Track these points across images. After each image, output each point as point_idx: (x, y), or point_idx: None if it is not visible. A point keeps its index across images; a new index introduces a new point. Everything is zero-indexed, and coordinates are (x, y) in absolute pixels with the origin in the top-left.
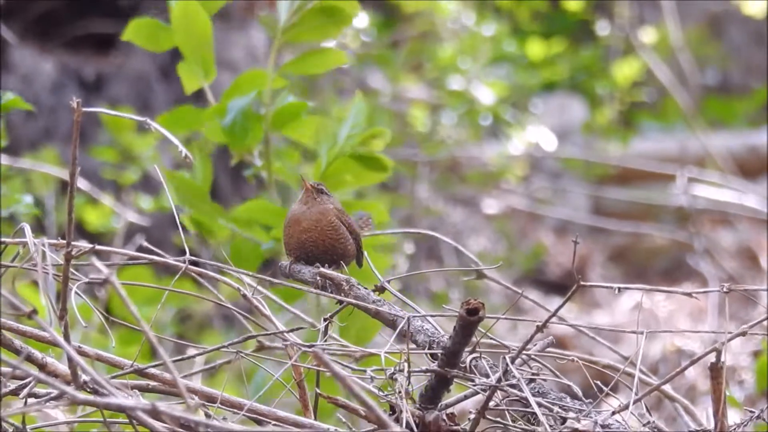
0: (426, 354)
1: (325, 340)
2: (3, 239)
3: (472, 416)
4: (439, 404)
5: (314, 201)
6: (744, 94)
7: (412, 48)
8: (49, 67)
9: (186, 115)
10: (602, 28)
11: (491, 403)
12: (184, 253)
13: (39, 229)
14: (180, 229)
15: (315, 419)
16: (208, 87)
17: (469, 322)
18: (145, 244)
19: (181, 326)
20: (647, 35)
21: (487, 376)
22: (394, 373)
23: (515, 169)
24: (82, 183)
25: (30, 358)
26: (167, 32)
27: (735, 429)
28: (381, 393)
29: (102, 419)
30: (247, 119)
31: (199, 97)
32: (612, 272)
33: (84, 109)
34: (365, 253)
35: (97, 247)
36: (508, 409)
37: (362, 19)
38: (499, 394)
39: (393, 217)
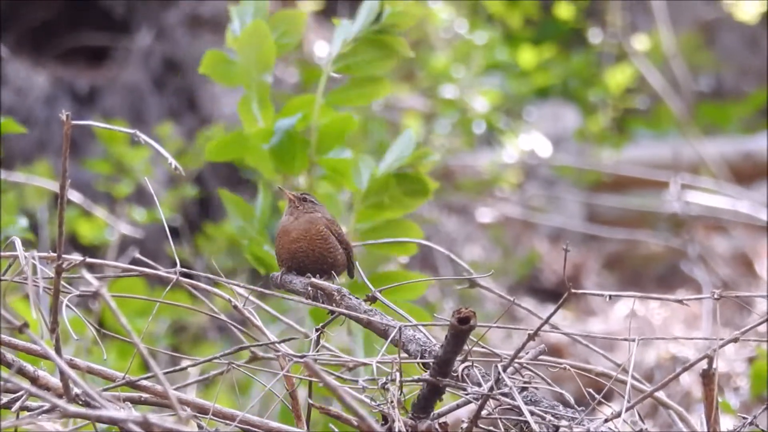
0: (418, 363)
1: (317, 351)
2: None
3: (465, 425)
4: (432, 413)
5: (299, 211)
6: (737, 100)
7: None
8: (42, 80)
9: (234, 140)
10: (594, 35)
11: (484, 412)
12: (177, 265)
13: (31, 242)
14: (170, 240)
15: (307, 430)
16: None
17: (461, 330)
18: (138, 256)
19: (175, 338)
20: (640, 42)
21: (480, 384)
22: (386, 383)
23: (509, 177)
24: (75, 195)
25: (22, 372)
26: (236, 67)
27: None
28: (373, 403)
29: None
30: (293, 141)
31: (191, 107)
32: (607, 279)
33: (74, 122)
34: (356, 263)
35: (88, 259)
36: (500, 418)
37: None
38: (491, 402)
39: None
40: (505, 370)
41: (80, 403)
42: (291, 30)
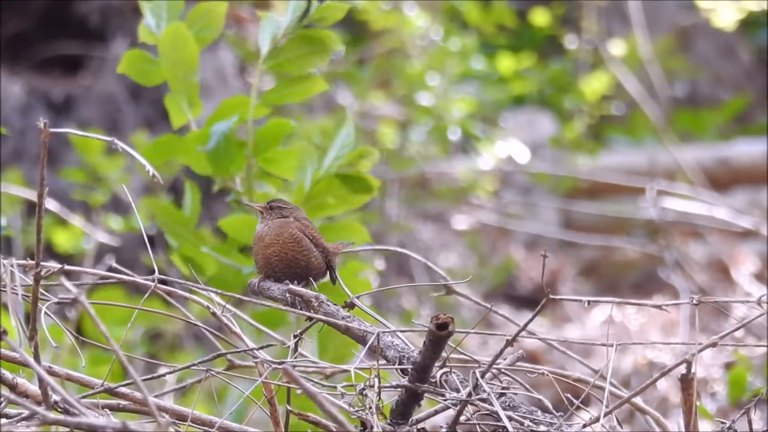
0: (396, 369)
1: (295, 357)
2: None
3: (444, 431)
4: (410, 419)
5: (268, 219)
6: (713, 107)
7: (379, 64)
8: (17, 89)
9: (167, 144)
10: (570, 42)
11: (462, 418)
12: (153, 272)
13: (6, 250)
14: (148, 248)
15: None
16: (194, 122)
17: (439, 336)
18: (114, 264)
19: (152, 346)
20: (615, 48)
21: (458, 390)
22: (364, 389)
23: (485, 185)
24: (51, 204)
25: (0, 379)
26: (156, 65)
27: None
28: (352, 409)
29: None
30: (229, 144)
31: (166, 116)
32: (583, 286)
33: (51, 130)
34: (336, 270)
35: (66, 267)
36: (479, 424)
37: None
38: (469, 408)
39: None
40: (483, 376)
41: (59, 410)
42: (210, 23)
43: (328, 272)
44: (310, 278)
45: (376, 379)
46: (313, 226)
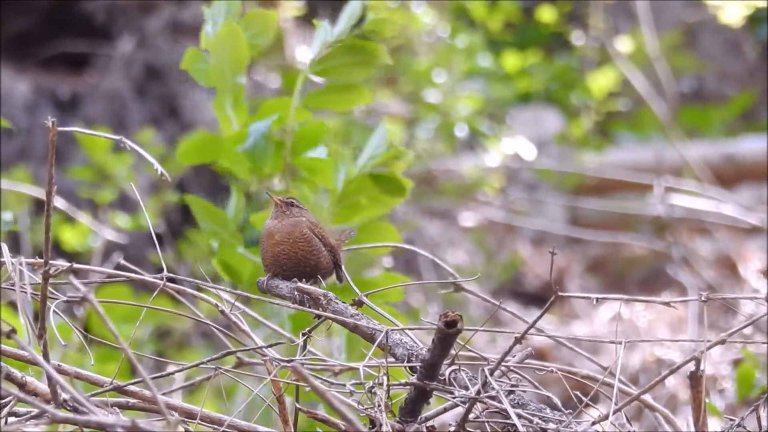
0: (405, 367)
1: (304, 355)
2: None
3: (452, 429)
4: (419, 417)
5: (284, 215)
6: (719, 103)
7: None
8: (23, 87)
9: (206, 143)
10: (577, 38)
11: (471, 416)
12: (161, 270)
13: (14, 248)
14: (157, 246)
15: None
16: (235, 120)
17: (448, 334)
18: (123, 262)
19: (160, 344)
20: (622, 45)
21: (467, 388)
22: (373, 387)
23: (491, 181)
24: (58, 202)
25: (10, 377)
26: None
27: None
28: (360, 407)
29: None
30: (268, 143)
31: (173, 114)
32: (590, 283)
33: (59, 129)
34: (343, 267)
35: (75, 265)
36: (487, 421)
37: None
38: (478, 406)
39: None
40: (492, 374)
41: (68, 408)
42: (263, 30)
43: (333, 270)
44: (318, 277)
45: (385, 377)
46: (321, 226)
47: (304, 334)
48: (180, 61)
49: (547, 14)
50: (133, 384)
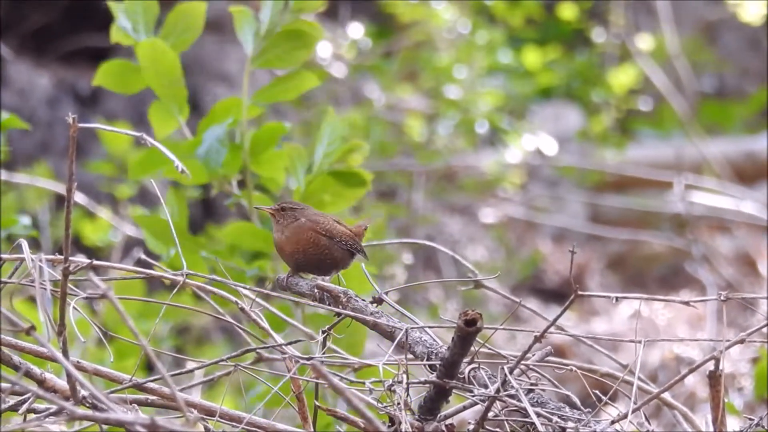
0: (424, 365)
1: (323, 352)
2: (1, 255)
3: (471, 427)
4: (438, 415)
5: (282, 224)
6: (739, 100)
7: (407, 57)
8: (44, 82)
9: (158, 156)
10: (598, 35)
11: (490, 414)
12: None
13: (34, 244)
14: (176, 241)
15: (314, 431)
16: (185, 125)
17: (468, 332)
18: (143, 257)
19: (179, 339)
20: (643, 42)
21: (486, 386)
22: (392, 385)
23: (512, 178)
24: (78, 197)
25: (29, 374)
26: (137, 73)
27: None
28: (380, 405)
29: None
30: (223, 148)
31: (193, 108)
32: (610, 280)
33: (80, 125)
34: (363, 265)
35: (95, 262)
36: (507, 420)
37: (357, 29)
38: (498, 404)
39: (390, 226)
40: (511, 372)
41: (87, 405)
42: (191, 23)
43: (351, 257)
44: (338, 269)
45: (405, 375)
46: (324, 220)
47: (324, 332)
48: (200, 56)
49: (568, 11)
50: (152, 381)
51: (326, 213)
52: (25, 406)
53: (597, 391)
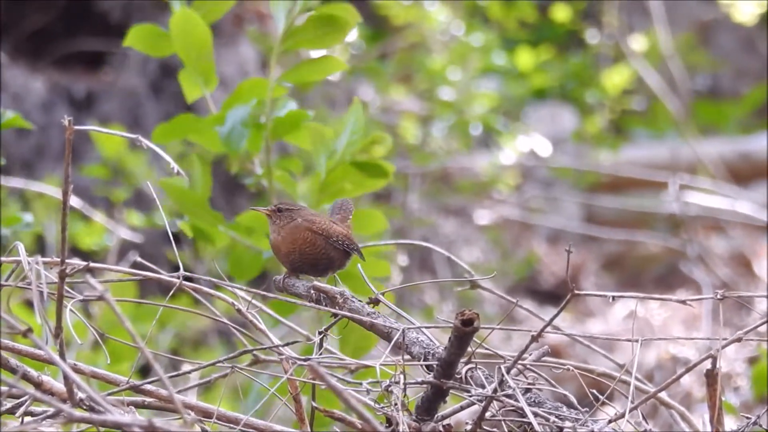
0: (421, 365)
1: (320, 353)
2: None
3: (469, 427)
4: (436, 415)
5: (278, 225)
6: (734, 100)
7: (401, 59)
8: (39, 85)
9: (184, 123)
10: (591, 36)
11: (487, 414)
12: (178, 269)
13: (40, 251)
14: (173, 244)
15: None
16: (209, 96)
17: (464, 332)
18: (140, 260)
19: (176, 341)
20: (637, 43)
21: (483, 386)
22: (390, 385)
23: (507, 179)
24: (73, 201)
25: (26, 377)
26: (167, 39)
27: None
28: (377, 405)
29: None
30: (246, 127)
31: (189, 112)
32: (605, 280)
33: (76, 128)
34: (359, 266)
35: (91, 264)
36: (504, 420)
37: (352, 31)
38: (495, 404)
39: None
40: (508, 372)
41: (84, 407)
42: (217, 6)
43: (347, 257)
44: (335, 269)
45: (402, 376)
46: (320, 220)
47: (320, 333)
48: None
49: (561, 12)
50: (149, 383)
51: (322, 213)
52: (22, 409)
53: (594, 391)
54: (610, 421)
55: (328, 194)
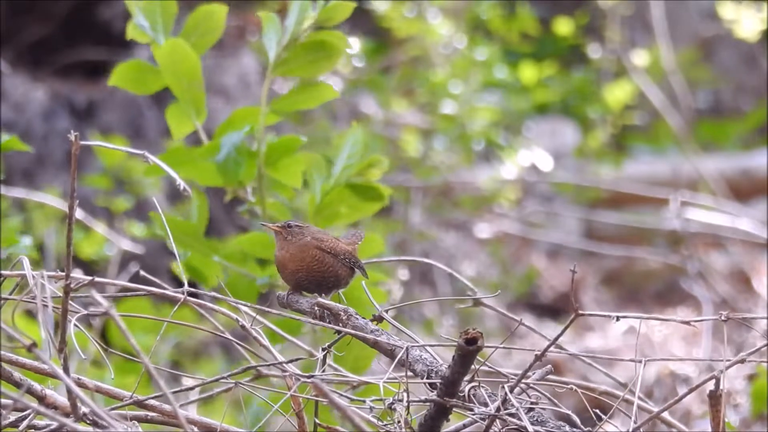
0: (425, 383)
1: (323, 370)
2: (2, 272)
3: None
4: None
5: (287, 241)
6: (736, 117)
7: (403, 73)
8: (40, 95)
9: (177, 155)
10: (594, 51)
11: None
12: (178, 279)
13: (40, 259)
14: (177, 256)
15: None
16: (200, 128)
17: (468, 351)
18: (143, 273)
19: (176, 353)
20: (639, 58)
21: (486, 405)
22: (393, 403)
23: (508, 194)
24: (76, 212)
25: (29, 390)
26: (155, 74)
27: None
28: (380, 423)
29: None
30: (240, 155)
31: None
32: (605, 296)
33: (82, 143)
34: (363, 283)
35: (96, 279)
36: None
37: (354, 45)
38: (498, 423)
39: (387, 242)
40: (512, 391)
41: (88, 422)
42: (212, 26)
43: (352, 275)
44: (340, 287)
45: (405, 393)
46: (328, 238)
47: (324, 350)
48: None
49: (564, 27)
50: (152, 398)
51: (327, 230)
52: (25, 423)
53: (597, 411)
54: None
55: (322, 218)
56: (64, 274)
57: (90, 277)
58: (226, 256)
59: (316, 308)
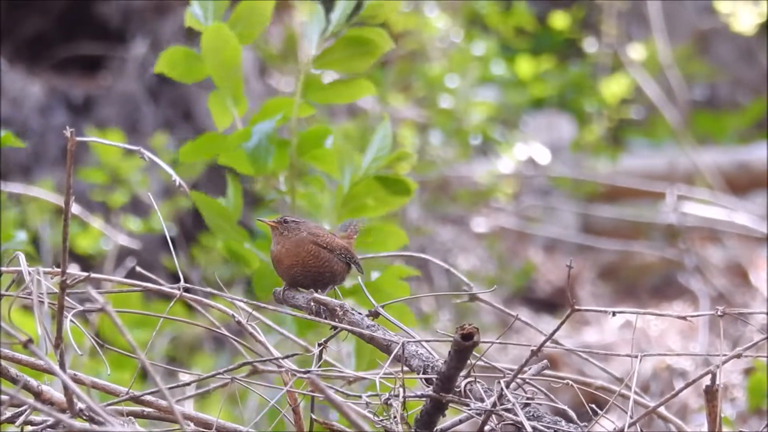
0: (421, 379)
1: (319, 365)
2: None
3: None
4: (435, 429)
5: (284, 236)
6: (732, 110)
7: (400, 67)
8: (37, 90)
9: (210, 142)
10: (590, 45)
11: (486, 428)
12: (174, 275)
13: (33, 258)
14: (172, 252)
15: None
16: (239, 118)
17: (464, 347)
18: (138, 269)
19: (171, 347)
20: (635, 52)
21: (482, 400)
22: (389, 398)
23: (504, 188)
24: (71, 206)
25: (26, 386)
26: (199, 61)
27: None
28: (376, 418)
29: None
30: (271, 143)
31: (186, 117)
32: (602, 290)
33: (78, 139)
34: (360, 279)
35: (92, 275)
36: None
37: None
38: (494, 418)
39: None
40: (508, 386)
41: (84, 417)
42: (256, 19)
43: (348, 271)
44: (336, 283)
45: (401, 389)
46: (324, 233)
47: (319, 345)
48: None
49: (560, 21)
50: (149, 393)
51: (322, 226)
52: (21, 419)
53: (593, 406)
54: None
55: (349, 209)
56: (60, 270)
57: (86, 273)
58: (256, 244)
59: (312, 304)
